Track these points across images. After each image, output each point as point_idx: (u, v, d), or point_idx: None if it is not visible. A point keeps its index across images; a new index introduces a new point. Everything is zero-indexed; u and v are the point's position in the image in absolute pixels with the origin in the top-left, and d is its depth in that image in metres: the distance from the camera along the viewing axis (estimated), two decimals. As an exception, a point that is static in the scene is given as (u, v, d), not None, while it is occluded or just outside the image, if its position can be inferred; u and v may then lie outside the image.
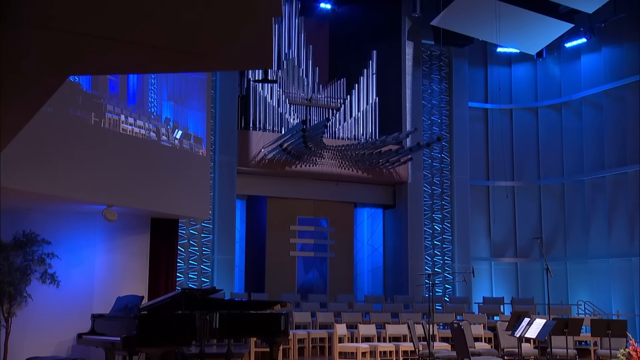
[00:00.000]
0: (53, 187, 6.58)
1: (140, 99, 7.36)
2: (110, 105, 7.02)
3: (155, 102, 7.59)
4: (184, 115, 8.14)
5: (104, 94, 6.91)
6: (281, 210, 13.80)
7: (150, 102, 7.53)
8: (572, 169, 14.92)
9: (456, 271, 14.40)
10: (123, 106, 7.20)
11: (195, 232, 12.49)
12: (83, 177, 6.87)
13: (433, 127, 14.95)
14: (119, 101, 7.12)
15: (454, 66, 15.13)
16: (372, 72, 14.36)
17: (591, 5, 12.50)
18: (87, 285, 7.83)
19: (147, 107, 7.52)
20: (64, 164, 6.69)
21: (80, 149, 6.84)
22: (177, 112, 7.98)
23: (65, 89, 6.52)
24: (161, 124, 7.74)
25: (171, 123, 7.95)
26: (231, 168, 12.89)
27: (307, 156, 13.27)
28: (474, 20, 12.57)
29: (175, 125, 8.02)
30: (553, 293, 14.80)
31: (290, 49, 14.39)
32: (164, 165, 7.84)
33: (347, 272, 14.30)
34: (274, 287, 13.34)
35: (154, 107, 7.63)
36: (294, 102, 14.01)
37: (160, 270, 8.38)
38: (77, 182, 6.83)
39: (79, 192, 6.84)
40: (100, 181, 7.09)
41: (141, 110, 7.48)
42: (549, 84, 15.48)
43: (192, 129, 8.29)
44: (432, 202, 14.71)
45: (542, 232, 15.28)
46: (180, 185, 8.02)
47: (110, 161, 7.19)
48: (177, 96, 8.25)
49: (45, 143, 6.48)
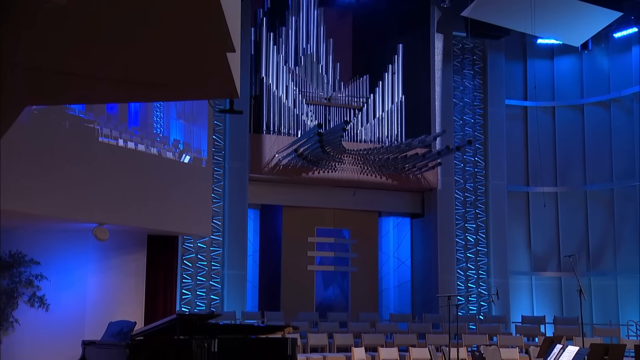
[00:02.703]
0: (41, 205, 6.66)
1: (143, 120, 7.38)
2: (106, 129, 7.06)
3: (162, 121, 7.61)
4: (195, 135, 8.13)
5: (100, 115, 6.93)
6: (298, 220, 13.75)
7: (156, 121, 7.56)
8: (622, 173, 14.53)
9: (491, 290, 14.15)
10: (123, 128, 7.24)
11: (203, 246, 12.53)
12: (73, 195, 6.93)
13: (465, 127, 14.73)
14: (118, 123, 7.15)
15: (489, 60, 14.86)
16: (398, 67, 14.21)
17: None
18: (79, 309, 7.90)
19: (152, 128, 7.55)
20: (53, 181, 6.76)
21: (71, 165, 6.90)
22: (187, 132, 7.98)
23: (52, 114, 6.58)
24: (169, 147, 7.77)
25: (181, 146, 7.98)
26: (242, 175, 12.90)
27: (326, 161, 13.20)
28: (509, 10, 12.30)
29: (186, 149, 8.04)
30: (601, 312, 14.45)
31: (308, 43, 14.33)
32: (161, 180, 7.86)
33: (370, 288, 14.17)
34: (290, 305, 13.30)
35: (160, 128, 7.65)
36: (312, 102, 13.95)
37: (158, 291, 8.41)
38: (66, 199, 6.88)
39: (69, 210, 6.90)
40: (91, 198, 7.13)
41: (144, 132, 7.51)
42: (596, 78, 15.10)
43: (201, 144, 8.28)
44: (465, 211, 14.48)
45: (589, 244, 14.91)
46: (178, 200, 8.04)
47: (103, 177, 7.23)
48: (188, 113, 8.24)
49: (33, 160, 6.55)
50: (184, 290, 12.33)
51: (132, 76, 3.10)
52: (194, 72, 3.11)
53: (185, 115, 7.43)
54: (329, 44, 14.47)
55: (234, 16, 2.85)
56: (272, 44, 13.47)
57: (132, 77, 3.11)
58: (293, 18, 14.26)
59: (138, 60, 2.98)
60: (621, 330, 13.23)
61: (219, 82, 3.17)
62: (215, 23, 2.56)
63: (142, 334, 7.36)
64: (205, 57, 2.98)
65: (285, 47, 13.97)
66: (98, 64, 3.01)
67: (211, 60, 2.99)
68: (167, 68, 3.04)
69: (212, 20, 2.55)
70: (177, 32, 2.72)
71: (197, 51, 2.94)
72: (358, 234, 14.17)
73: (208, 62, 3.02)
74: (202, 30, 2.68)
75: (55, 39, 2.81)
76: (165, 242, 8.57)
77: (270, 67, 13.40)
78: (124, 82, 3.13)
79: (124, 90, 3.32)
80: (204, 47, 2.90)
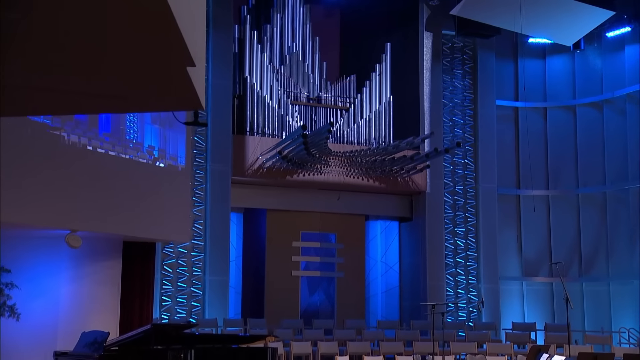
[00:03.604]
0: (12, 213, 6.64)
1: (115, 125, 7.37)
2: (74, 135, 7.04)
3: (136, 126, 7.59)
4: (171, 141, 8.12)
5: (67, 122, 6.90)
6: (282, 224, 13.75)
7: (129, 127, 7.54)
8: (615, 176, 14.59)
9: (481, 295, 14.21)
10: (93, 134, 7.22)
11: (184, 251, 12.52)
12: (44, 202, 6.92)
13: (455, 129, 14.78)
14: (87, 129, 7.12)
15: (479, 60, 14.90)
16: (386, 67, 14.23)
17: (634, -10, 12.23)
18: (51, 319, 7.89)
19: (124, 134, 7.54)
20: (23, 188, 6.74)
21: (41, 172, 6.89)
22: (162, 137, 7.97)
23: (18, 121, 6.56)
24: (143, 154, 7.76)
25: (156, 152, 7.97)
26: (225, 178, 12.89)
27: (311, 164, 13.22)
28: (499, 8, 12.35)
29: (161, 156, 8.04)
30: (594, 319, 14.55)
31: (294, 41, 14.33)
32: (136, 185, 7.86)
33: (357, 294, 14.20)
34: (274, 312, 13.30)
35: (134, 134, 7.64)
36: (297, 102, 13.96)
37: (134, 300, 8.41)
38: (37, 206, 6.88)
39: (40, 217, 6.89)
40: (63, 205, 7.13)
41: (116, 138, 7.50)
42: (589, 78, 15.17)
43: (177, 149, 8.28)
44: (455, 214, 14.54)
45: (581, 248, 15.01)
46: (155, 206, 8.04)
47: (75, 183, 7.23)
48: (164, 117, 8.23)
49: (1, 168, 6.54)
50: (164, 297, 12.31)
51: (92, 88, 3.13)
52: (154, 86, 3.16)
53: (161, 120, 7.44)
54: (315, 43, 14.48)
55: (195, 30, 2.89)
56: (257, 42, 13.47)
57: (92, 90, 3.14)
58: (278, 15, 14.26)
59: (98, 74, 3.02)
60: (613, 338, 13.32)
61: (181, 95, 3.22)
62: (171, 39, 2.60)
63: (116, 345, 7.37)
64: (164, 71, 3.03)
65: (270, 45, 13.97)
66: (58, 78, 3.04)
67: (171, 74, 3.03)
68: (127, 81, 3.08)
69: (168, 36, 2.58)
70: (134, 47, 2.75)
71: (155, 66, 2.99)
72: (344, 238, 14.19)
73: (167, 76, 3.06)
74: (158, 46, 2.71)
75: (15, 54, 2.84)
76: (142, 249, 8.56)
77: (254, 66, 13.40)
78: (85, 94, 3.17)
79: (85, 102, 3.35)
80: (162, 62, 2.95)
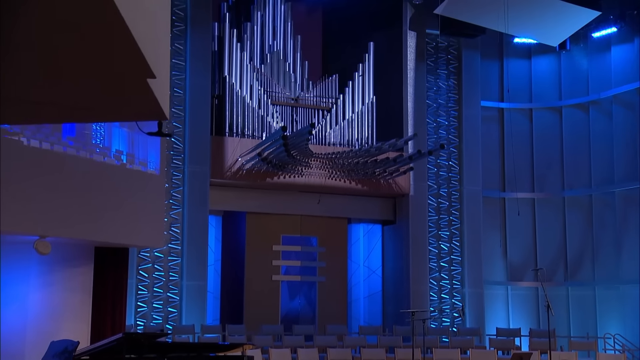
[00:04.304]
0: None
1: (80, 129, 7.32)
2: (35, 140, 6.98)
3: (103, 130, 7.55)
4: (141, 144, 8.07)
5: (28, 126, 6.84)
6: (262, 227, 13.75)
7: (95, 130, 7.48)
8: (601, 179, 14.68)
9: (465, 301, 14.29)
10: (55, 139, 7.16)
11: (160, 255, 12.48)
12: (10, 206, 6.88)
13: (439, 130, 14.84)
14: (50, 133, 7.06)
15: (464, 60, 14.95)
16: (369, 67, 14.26)
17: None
18: (19, 327, 7.83)
19: (90, 138, 7.49)
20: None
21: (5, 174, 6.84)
22: (132, 141, 7.92)
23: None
24: (110, 159, 7.72)
25: (124, 158, 7.91)
26: (203, 180, 12.87)
27: (292, 166, 13.22)
28: (483, 8, 12.43)
29: (130, 160, 7.99)
30: (579, 324, 14.67)
31: (275, 40, 14.32)
32: (108, 189, 7.83)
33: (339, 299, 14.22)
34: (253, 318, 13.29)
35: (100, 138, 7.59)
36: (278, 102, 13.96)
37: (106, 307, 8.37)
38: (4, 211, 6.83)
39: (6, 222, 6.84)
40: (30, 209, 7.09)
41: (81, 143, 7.44)
42: (575, 79, 15.26)
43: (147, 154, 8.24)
44: (439, 218, 14.60)
45: (567, 252, 15.13)
46: (127, 210, 8.02)
47: (44, 186, 7.18)
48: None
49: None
50: (140, 303, 12.28)
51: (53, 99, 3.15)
52: (115, 97, 3.19)
53: (130, 123, 7.44)
54: (296, 41, 14.48)
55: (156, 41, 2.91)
56: (236, 40, 13.46)
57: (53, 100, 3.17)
58: (259, 13, 14.24)
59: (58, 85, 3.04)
60: (598, 344, 13.45)
61: (143, 106, 3.25)
62: (129, 52, 2.62)
63: (87, 354, 7.33)
64: (124, 83, 3.06)
65: (250, 44, 13.95)
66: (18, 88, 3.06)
67: (131, 86, 3.06)
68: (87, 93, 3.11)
69: (125, 50, 2.60)
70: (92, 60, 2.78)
71: (115, 78, 3.02)
72: (326, 241, 14.20)
73: (128, 88, 3.09)
74: (116, 59, 2.74)
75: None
76: (115, 255, 8.53)
77: (233, 65, 13.38)
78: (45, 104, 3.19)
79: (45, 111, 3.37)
80: (121, 75, 2.98)
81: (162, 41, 3.21)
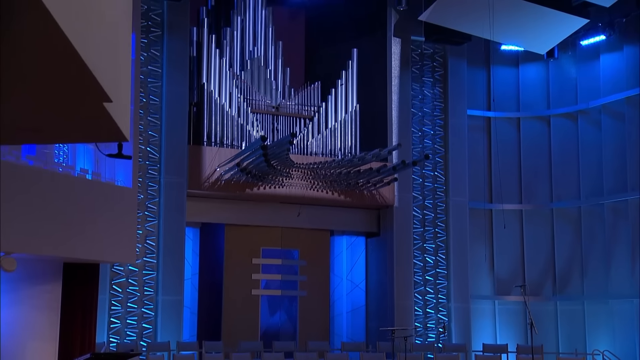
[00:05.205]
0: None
1: (40, 147, 7.27)
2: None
3: (66, 147, 7.49)
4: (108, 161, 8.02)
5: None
6: (242, 240, 13.70)
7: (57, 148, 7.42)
8: (591, 190, 14.71)
9: (451, 315, 14.33)
10: (14, 158, 7.08)
11: (135, 269, 12.41)
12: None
13: (425, 139, 14.88)
14: (7, 152, 6.98)
15: (450, 67, 14.98)
16: (353, 74, 14.28)
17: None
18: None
19: (51, 156, 7.43)
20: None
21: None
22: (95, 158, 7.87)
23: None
24: (75, 177, 7.66)
25: (89, 177, 7.85)
26: (180, 191, 12.82)
27: (272, 176, 13.20)
28: (468, 15, 12.50)
29: (95, 180, 7.94)
30: (568, 339, 14.73)
31: (255, 46, 14.31)
32: (77, 204, 7.79)
33: (321, 314, 14.19)
34: (232, 334, 13.23)
35: (63, 156, 7.54)
36: (258, 110, 13.95)
37: (75, 326, 8.30)
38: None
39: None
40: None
41: (42, 162, 7.39)
42: (564, 88, 15.30)
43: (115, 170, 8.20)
44: (424, 230, 14.62)
45: (555, 266, 15.21)
46: (97, 225, 7.98)
47: (8, 200, 7.12)
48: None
49: None
50: (113, 319, 12.20)
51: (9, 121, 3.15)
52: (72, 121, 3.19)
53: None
54: (278, 47, 14.47)
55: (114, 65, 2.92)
56: (215, 46, 13.45)
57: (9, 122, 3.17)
58: (239, 18, 14.22)
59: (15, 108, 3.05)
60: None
61: (101, 128, 3.25)
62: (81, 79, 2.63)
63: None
64: (80, 108, 3.06)
65: (230, 50, 13.93)
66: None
67: (87, 110, 3.07)
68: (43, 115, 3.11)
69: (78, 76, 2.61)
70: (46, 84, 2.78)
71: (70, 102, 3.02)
72: (308, 254, 14.18)
73: (84, 112, 3.10)
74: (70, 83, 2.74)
75: None
76: (84, 271, 8.48)
77: (212, 72, 13.35)
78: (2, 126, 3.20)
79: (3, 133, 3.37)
80: (76, 99, 2.98)
81: (122, 65, 3.21)
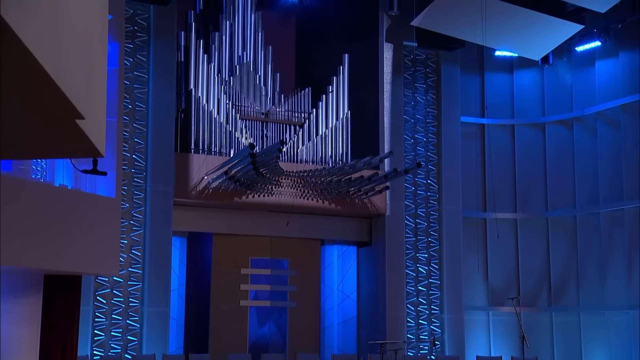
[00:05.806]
0: None
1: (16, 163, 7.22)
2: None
3: (44, 162, 7.43)
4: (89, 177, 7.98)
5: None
6: (230, 249, 13.65)
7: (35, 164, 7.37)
8: (586, 199, 14.72)
9: (444, 326, 14.32)
10: None
11: (120, 280, 12.35)
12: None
13: (417, 147, 14.87)
14: None
15: (443, 73, 14.98)
16: (344, 80, 14.28)
17: (603, 4, 12.53)
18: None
19: (28, 173, 7.37)
20: None
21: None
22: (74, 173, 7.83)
23: None
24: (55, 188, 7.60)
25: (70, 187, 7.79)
26: (167, 199, 12.76)
27: (261, 185, 13.17)
28: (461, 20, 12.55)
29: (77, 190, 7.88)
30: (563, 351, 14.74)
31: (244, 51, 14.30)
32: (58, 213, 7.75)
33: (311, 325, 14.13)
34: (219, 346, 13.16)
35: (41, 172, 7.48)
36: (247, 117, 13.92)
37: (56, 340, 8.23)
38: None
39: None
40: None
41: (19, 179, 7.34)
42: (559, 95, 15.31)
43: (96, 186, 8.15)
44: (416, 239, 14.61)
45: (550, 276, 15.22)
46: (80, 236, 7.94)
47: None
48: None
49: None
50: (97, 331, 12.13)
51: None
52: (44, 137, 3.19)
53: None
54: (267, 52, 14.45)
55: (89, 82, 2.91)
56: (203, 51, 13.43)
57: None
58: (227, 22, 14.20)
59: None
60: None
61: (75, 144, 3.25)
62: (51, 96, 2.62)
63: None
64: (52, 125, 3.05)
65: (219, 55, 13.90)
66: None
67: (59, 127, 3.06)
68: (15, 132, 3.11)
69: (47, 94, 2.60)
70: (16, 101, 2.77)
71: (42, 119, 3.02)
72: (298, 264, 14.14)
73: (56, 129, 3.09)
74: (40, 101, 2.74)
75: None
76: (65, 283, 8.43)
77: (200, 78, 13.31)
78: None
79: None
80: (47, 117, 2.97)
81: (97, 79, 3.19)
